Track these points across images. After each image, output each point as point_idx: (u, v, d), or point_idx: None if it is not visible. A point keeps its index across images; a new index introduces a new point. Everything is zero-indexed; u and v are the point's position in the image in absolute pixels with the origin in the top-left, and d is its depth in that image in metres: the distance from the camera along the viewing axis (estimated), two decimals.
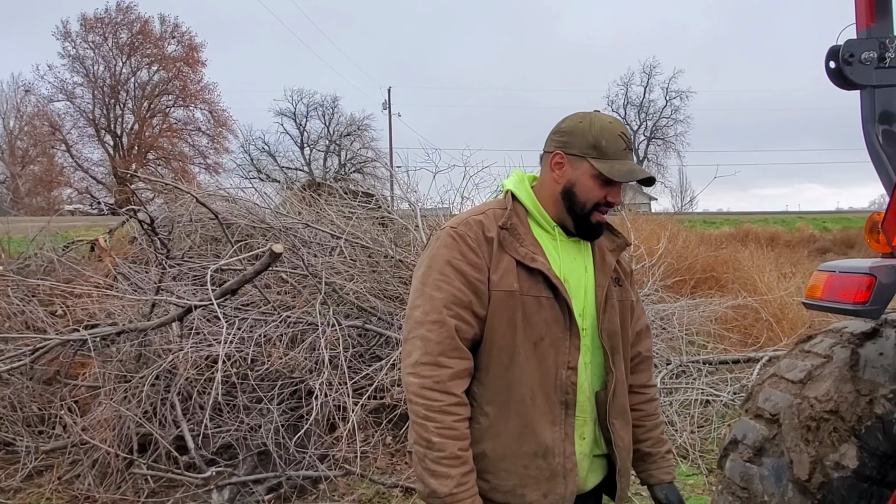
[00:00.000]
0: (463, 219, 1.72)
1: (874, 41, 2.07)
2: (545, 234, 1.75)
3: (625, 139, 1.70)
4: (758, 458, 2.09)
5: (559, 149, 1.72)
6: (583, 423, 1.75)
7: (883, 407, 1.96)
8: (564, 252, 1.74)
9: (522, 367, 1.64)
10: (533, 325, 1.65)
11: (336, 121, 48.42)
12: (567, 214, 1.73)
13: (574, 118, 1.74)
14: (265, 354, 4.44)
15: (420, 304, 1.64)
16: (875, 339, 2.10)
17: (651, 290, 7.63)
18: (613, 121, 1.73)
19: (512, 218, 1.70)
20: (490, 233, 1.67)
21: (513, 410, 1.65)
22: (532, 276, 1.66)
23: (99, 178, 40.76)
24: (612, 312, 1.77)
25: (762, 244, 13.19)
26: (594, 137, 1.67)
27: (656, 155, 56.15)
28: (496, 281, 1.64)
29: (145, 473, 4.04)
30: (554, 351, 1.67)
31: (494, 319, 1.64)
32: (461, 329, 1.61)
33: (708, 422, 5.02)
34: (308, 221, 6.02)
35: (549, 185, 1.75)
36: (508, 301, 1.63)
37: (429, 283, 1.64)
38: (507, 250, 1.66)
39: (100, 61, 40.94)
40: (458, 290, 1.62)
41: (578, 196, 1.70)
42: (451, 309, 1.61)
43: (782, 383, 2.16)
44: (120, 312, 4.98)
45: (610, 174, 1.66)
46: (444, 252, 1.66)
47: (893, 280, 1.96)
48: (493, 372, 1.66)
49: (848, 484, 1.93)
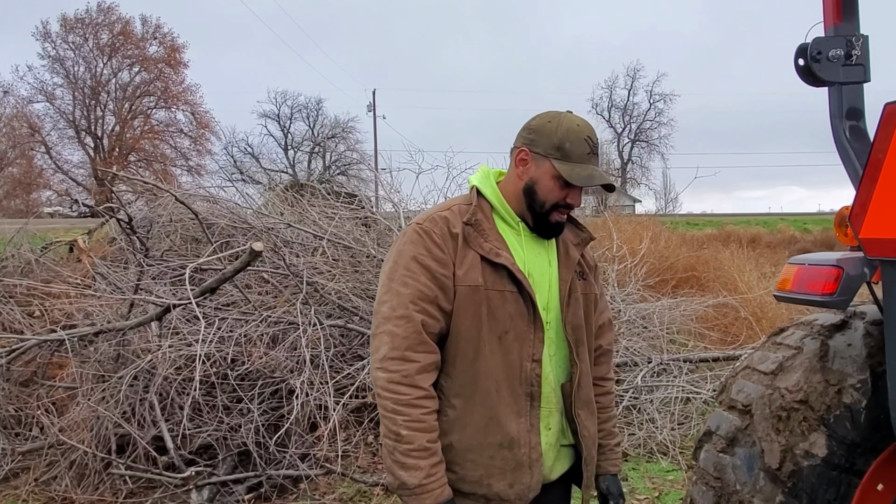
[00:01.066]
0: (428, 215, 1.74)
1: (841, 39, 2.11)
2: (509, 230, 1.77)
3: (590, 143, 1.72)
4: (731, 448, 2.12)
5: (525, 146, 1.75)
6: (548, 413, 1.78)
7: (851, 396, 2.00)
8: (528, 247, 1.77)
9: (488, 360, 1.67)
10: (497, 318, 1.68)
11: (320, 123, 48.39)
12: (527, 211, 1.76)
13: (544, 117, 1.76)
14: (246, 354, 4.43)
15: (387, 300, 1.66)
16: (844, 331, 2.14)
17: (633, 289, 7.69)
18: (582, 124, 1.74)
19: (476, 214, 1.72)
20: (455, 229, 1.69)
21: (478, 402, 1.68)
22: (496, 271, 1.68)
23: (79, 181, 40.33)
24: (577, 306, 1.80)
25: (743, 245, 13.33)
26: (559, 139, 1.70)
27: (640, 157, 56.60)
28: (461, 276, 1.66)
29: (123, 474, 4.00)
30: (518, 344, 1.70)
31: (460, 314, 1.67)
32: (427, 324, 1.64)
33: (688, 419, 5.07)
34: (290, 222, 6.00)
35: (513, 181, 1.78)
36: (473, 296, 1.66)
37: (395, 278, 1.67)
38: (471, 246, 1.69)
39: (80, 62, 40.59)
40: (424, 285, 1.64)
41: (539, 195, 1.73)
42: (418, 304, 1.63)
43: (755, 375, 2.19)
44: (98, 312, 4.93)
45: (569, 177, 1.69)
46: (410, 248, 1.68)
47: (860, 272, 2.00)
48: (459, 365, 1.68)
49: (817, 472, 1.96)
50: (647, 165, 56.46)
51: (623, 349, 5.86)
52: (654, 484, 4.17)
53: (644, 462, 4.51)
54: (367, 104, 42.26)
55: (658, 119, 55.36)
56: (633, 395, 5.26)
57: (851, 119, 2.13)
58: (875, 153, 1.84)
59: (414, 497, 1.61)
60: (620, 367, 5.65)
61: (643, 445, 4.69)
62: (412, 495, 1.61)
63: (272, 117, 48.10)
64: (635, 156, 56.71)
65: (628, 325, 6.40)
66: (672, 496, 3.98)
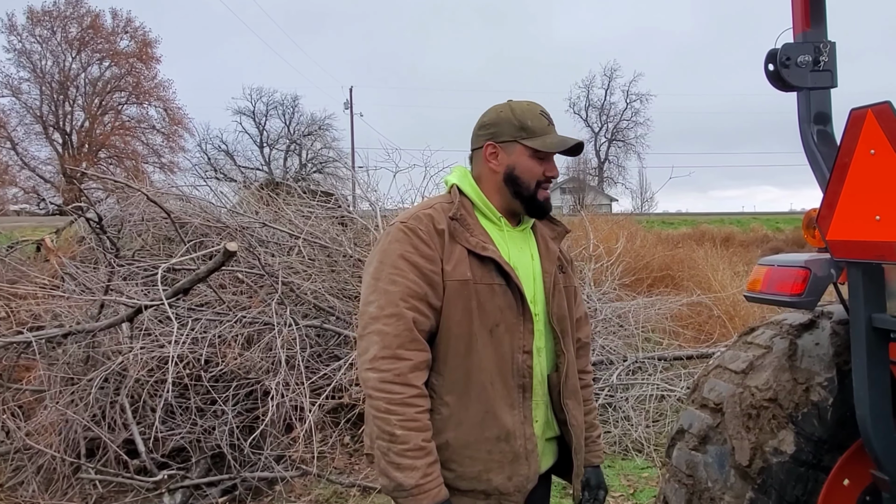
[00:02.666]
0: (412, 213, 1.75)
1: (809, 45, 2.15)
2: (492, 225, 1.80)
3: (546, 116, 1.80)
4: (702, 446, 2.15)
5: (489, 140, 1.79)
6: (536, 406, 1.80)
7: (819, 394, 2.05)
8: (512, 241, 1.80)
9: (480, 354, 1.68)
10: (487, 312, 1.69)
11: (296, 120, 48.06)
12: (514, 199, 1.79)
13: (493, 110, 1.82)
14: (220, 355, 4.38)
15: (374, 300, 1.65)
16: (812, 331, 2.19)
17: (609, 288, 7.76)
18: (530, 103, 1.82)
19: (461, 209, 1.75)
20: (440, 225, 1.70)
21: (473, 398, 1.68)
22: (484, 265, 1.70)
23: (47, 178, 39.53)
24: (560, 297, 1.84)
25: (717, 244, 13.52)
26: (519, 120, 1.76)
27: (617, 157, 57.13)
28: (450, 271, 1.67)
29: (93, 478, 3.94)
30: (509, 336, 1.72)
31: (450, 309, 1.67)
32: (418, 321, 1.64)
33: (662, 416, 5.13)
34: (265, 221, 5.95)
35: (490, 177, 1.81)
36: (463, 290, 1.67)
37: (382, 277, 1.66)
38: (458, 240, 1.70)
39: (48, 56, 39.72)
40: (413, 282, 1.64)
41: (522, 178, 1.77)
42: (408, 301, 1.63)
43: (726, 374, 2.23)
44: (67, 314, 4.84)
45: (544, 147, 1.75)
46: (396, 246, 1.68)
47: (827, 273, 2.05)
48: (451, 361, 1.69)
49: (786, 468, 2.00)
50: (624, 165, 57.14)
51: (599, 348, 5.91)
52: (630, 481, 4.21)
53: (619, 459, 4.56)
54: (344, 101, 42.06)
55: (634, 119, 55.97)
56: (609, 393, 5.31)
57: (819, 124, 2.17)
58: (841, 157, 1.88)
59: (411, 498, 1.59)
60: (597, 366, 5.69)
61: (618, 443, 4.73)
62: (409, 496, 1.59)
63: (247, 114, 47.77)
64: (612, 155, 57.28)
65: (604, 324, 6.46)
66: (647, 493, 4.02)
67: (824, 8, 2.18)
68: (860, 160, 1.83)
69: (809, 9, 2.15)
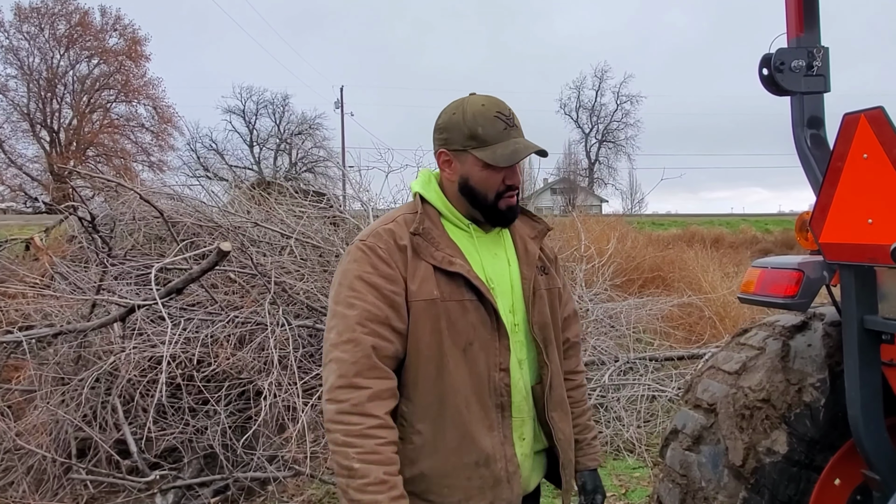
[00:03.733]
0: (371, 230, 1.63)
1: (803, 50, 2.18)
2: (461, 233, 1.68)
3: (503, 118, 1.62)
4: (696, 446, 2.17)
5: (442, 147, 1.66)
6: (521, 423, 1.69)
7: (811, 395, 2.08)
8: (484, 248, 1.69)
9: (453, 376, 1.57)
10: (459, 330, 1.58)
11: (287, 119, 47.95)
12: (474, 209, 1.67)
13: (448, 111, 1.67)
14: (212, 355, 4.37)
15: (334, 325, 1.55)
16: (804, 332, 2.22)
17: (601, 289, 7.79)
18: (487, 102, 1.64)
19: (424, 222, 1.63)
20: (402, 241, 1.59)
21: (448, 423, 1.58)
22: (452, 280, 1.59)
23: (34, 176, 39.19)
24: (542, 304, 1.72)
25: (707, 245, 13.60)
26: (469, 128, 1.60)
27: (607, 158, 57.34)
28: (415, 291, 1.56)
29: (84, 478, 3.92)
30: (484, 354, 1.61)
31: (418, 330, 1.56)
32: (379, 346, 1.52)
33: (654, 416, 5.16)
34: (257, 220, 5.93)
35: (448, 185, 1.69)
36: (430, 310, 1.56)
37: (340, 301, 1.56)
38: (422, 257, 1.59)
39: (35, 53, 39.32)
40: (372, 304, 1.53)
41: (477, 188, 1.64)
42: (366, 326, 1.52)
43: (719, 374, 2.25)
44: (57, 313, 4.81)
45: (493, 161, 1.59)
46: (354, 267, 1.57)
47: (820, 275, 2.07)
48: (421, 386, 1.57)
49: (779, 468, 2.03)
50: (614, 166, 57.34)
51: (591, 348, 5.93)
52: (621, 481, 4.23)
53: (611, 460, 4.58)
54: (335, 101, 42.00)
55: (625, 120, 56.21)
56: (601, 394, 5.34)
57: (812, 128, 2.20)
58: (834, 161, 1.91)
59: None
60: (588, 366, 5.72)
61: (610, 443, 4.76)
62: None
63: (237, 113, 47.60)
64: (602, 156, 57.48)
65: (596, 325, 6.49)
66: (639, 493, 4.05)
67: (818, 13, 2.21)
68: (853, 164, 1.86)
69: (803, 14, 2.18)
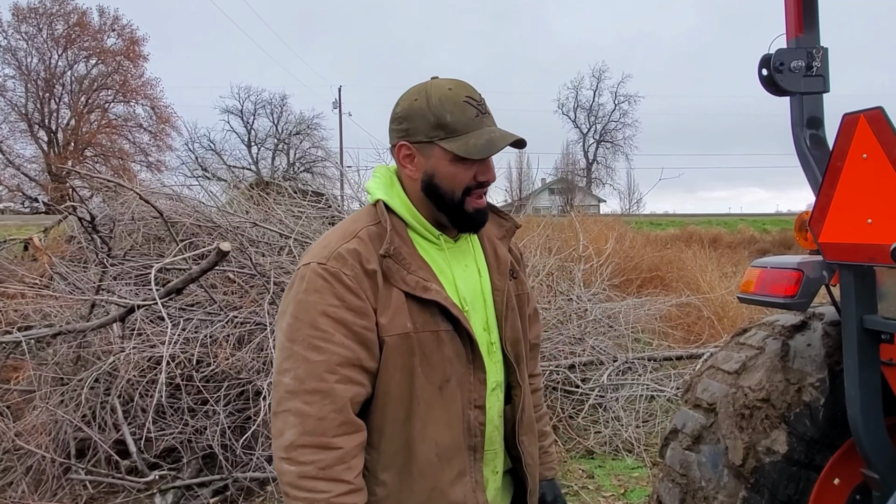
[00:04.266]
0: (332, 250, 1.35)
1: (802, 51, 2.19)
2: (431, 246, 1.45)
3: (474, 103, 1.40)
4: (696, 445, 2.18)
5: (402, 139, 1.41)
6: (493, 456, 1.51)
7: (810, 394, 2.08)
8: (455, 261, 1.46)
9: (423, 420, 1.37)
10: (434, 365, 1.37)
11: (285, 119, 47.98)
12: (439, 211, 1.43)
13: (408, 97, 1.42)
14: (211, 355, 4.37)
15: (291, 368, 1.29)
16: (804, 332, 2.23)
17: (599, 289, 7.80)
18: (454, 86, 1.41)
19: (394, 241, 1.38)
20: (370, 264, 1.34)
21: (416, 473, 1.37)
22: (426, 308, 1.37)
23: (32, 176, 39.13)
24: (514, 316, 1.53)
25: (705, 245, 13.63)
26: (435, 115, 1.37)
27: (605, 158, 57.42)
28: (386, 325, 1.33)
29: (84, 479, 3.92)
30: (460, 391, 1.41)
31: (388, 369, 1.34)
32: (354, 394, 1.31)
33: (652, 416, 5.16)
34: (256, 220, 5.93)
35: (409, 184, 1.45)
36: (403, 345, 1.34)
37: (299, 340, 1.30)
38: (393, 282, 1.35)
39: (34, 53, 39.36)
40: (342, 345, 1.29)
41: (443, 186, 1.40)
42: (337, 373, 1.28)
43: (719, 374, 2.26)
44: (56, 313, 4.81)
45: (466, 153, 1.36)
46: (316, 299, 1.31)
47: (819, 275, 2.08)
48: (388, 431, 1.36)
49: (778, 468, 2.03)
50: (612, 166, 57.42)
51: (589, 348, 5.94)
52: (620, 481, 4.24)
53: (610, 459, 4.59)
54: (333, 101, 42.03)
55: (623, 120, 56.30)
56: (600, 394, 5.34)
57: (811, 128, 2.21)
58: (834, 161, 1.91)
59: None
60: (587, 366, 5.73)
61: (609, 443, 4.76)
62: None
63: (235, 113, 47.60)
64: (600, 156, 57.56)
65: (594, 325, 6.49)
66: (637, 493, 4.05)
67: (817, 14, 2.22)
68: (852, 164, 1.86)
69: (802, 15, 2.19)
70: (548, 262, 7.20)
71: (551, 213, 20.65)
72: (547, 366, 5.45)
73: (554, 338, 5.95)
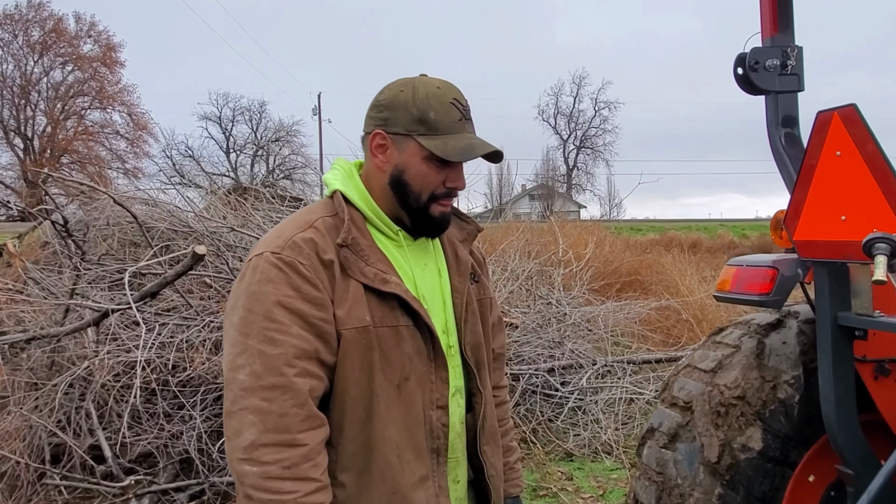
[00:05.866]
0: (287, 238, 1.29)
1: (777, 49, 2.21)
2: (389, 243, 1.40)
3: (459, 107, 1.37)
4: (672, 443, 2.19)
5: (379, 127, 1.37)
6: (456, 464, 1.46)
7: (785, 392, 2.10)
8: (414, 259, 1.42)
9: (384, 420, 1.31)
10: (393, 362, 1.32)
11: (264, 126, 47.75)
12: (401, 209, 1.39)
13: (394, 87, 1.39)
14: (187, 360, 4.32)
15: (245, 364, 1.22)
16: (779, 329, 2.25)
17: (579, 293, 7.84)
18: (443, 85, 1.38)
19: (351, 231, 1.33)
20: (327, 254, 1.29)
21: (376, 476, 1.31)
22: (385, 302, 1.32)
23: (7, 183, 38.52)
24: (474, 320, 1.48)
25: (685, 250, 13.75)
26: (419, 109, 1.33)
27: (585, 164, 57.84)
28: (343, 317, 1.28)
29: (59, 484, 3.85)
30: (420, 390, 1.36)
31: (346, 365, 1.28)
32: (313, 388, 1.25)
33: (631, 419, 5.19)
34: (233, 226, 5.88)
35: (376, 175, 1.40)
36: (361, 339, 1.29)
37: (253, 333, 1.23)
38: (351, 274, 1.30)
39: (9, 60, 38.86)
40: (299, 337, 1.23)
41: (411, 185, 1.36)
42: (295, 365, 1.22)
43: (695, 373, 2.27)
44: (31, 318, 4.74)
45: (444, 153, 1.33)
46: (270, 289, 1.24)
47: (794, 273, 2.10)
48: (347, 431, 1.31)
49: (754, 465, 2.05)
50: (592, 172, 57.83)
51: (569, 352, 5.96)
52: (599, 483, 4.25)
53: (589, 462, 4.60)
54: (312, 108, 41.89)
55: (603, 126, 56.76)
56: (579, 397, 5.36)
57: (786, 126, 2.23)
58: (808, 159, 1.94)
59: None
60: (566, 370, 5.74)
61: (588, 445, 4.77)
62: None
63: (213, 120, 47.28)
64: (580, 162, 57.96)
65: (574, 328, 6.52)
66: (616, 494, 4.06)
67: (792, 13, 2.24)
68: (826, 162, 1.89)
69: (777, 14, 2.22)
70: (527, 267, 7.22)
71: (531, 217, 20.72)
72: (526, 369, 5.46)
73: (533, 342, 5.96)
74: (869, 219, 1.78)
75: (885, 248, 1.54)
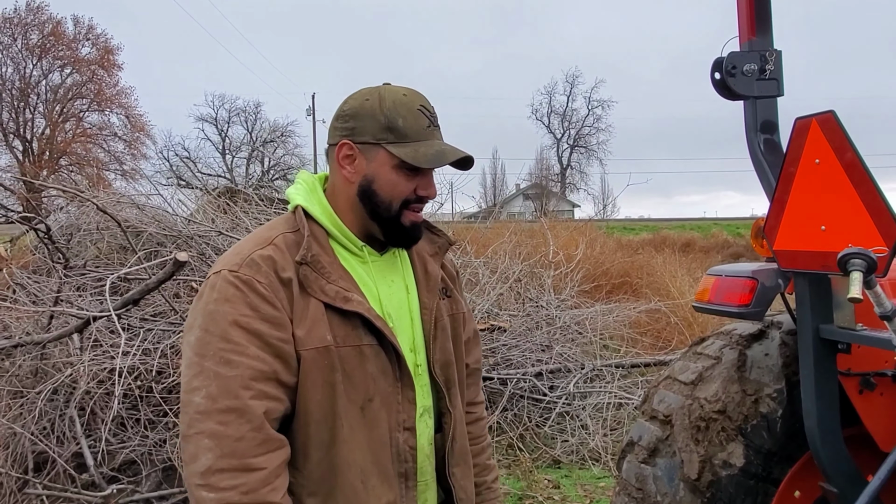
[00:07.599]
0: (245, 256, 1.26)
1: (755, 54, 2.16)
2: (353, 258, 1.37)
3: (426, 113, 1.35)
4: (652, 458, 2.14)
5: (346, 138, 1.34)
6: (425, 487, 1.42)
7: (768, 406, 2.05)
8: (380, 275, 1.39)
9: (348, 443, 1.28)
10: (356, 383, 1.29)
11: (259, 127, 47.78)
12: (371, 221, 1.36)
13: (358, 97, 1.36)
14: (172, 366, 4.27)
15: (201, 386, 1.19)
16: (761, 341, 2.20)
17: (568, 295, 7.78)
18: (409, 93, 1.36)
19: (311, 248, 1.29)
20: (285, 272, 1.26)
21: (341, 502, 1.28)
22: (348, 321, 1.29)
23: (6, 185, 38.37)
24: (444, 337, 1.44)
25: (677, 250, 13.70)
26: (387, 117, 1.31)
27: (579, 163, 57.79)
28: (303, 337, 1.24)
29: (41, 493, 3.81)
30: (385, 412, 1.32)
31: (307, 386, 1.25)
32: (270, 410, 1.21)
33: (620, 425, 5.14)
34: (222, 229, 5.83)
35: (343, 187, 1.37)
36: (322, 360, 1.25)
37: (209, 354, 1.20)
38: (311, 292, 1.27)
39: (8, 63, 38.81)
40: (256, 358, 1.20)
41: (380, 194, 1.33)
42: (252, 388, 1.19)
43: (675, 385, 2.22)
44: (16, 325, 4.69)
45: (414, 160, 1.30)
46: (227, 309, 1.21)
47: (775, 283, 2.05)
48: (313, 454, 1.27)
49: (735, 481, 2.00)
50: (586, 171, 57.79)
51: (557, 355, 5.91)
52: (586, 491, 4.20)
53: (576, 469, 4.55)
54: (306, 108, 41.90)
55: (596, 125, 56.71)
56: (567, 402, 5.31)
57: (766, 132, 2.18)
58: (787, 167, 1.89)
59: None
60: (554, 374, 5.69)
61: (575, 452, 4.73)
62: None
63: (209, 121, 47.32)
64: (574, 161, 57.91)
65: (562, 331, 6.47)
66: (603, 503, 4.01)
67: (770, 16, 2.19)
68: (805, 169, 1.84)
69: (755, 17, 2.16)
70: (517, 269, 7.17)
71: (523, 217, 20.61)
72: (514, 374, 5.41)
73: (522, 345, 5.91)
74: (849, 229, 1.73)
75: (860, 264, 1.49)
